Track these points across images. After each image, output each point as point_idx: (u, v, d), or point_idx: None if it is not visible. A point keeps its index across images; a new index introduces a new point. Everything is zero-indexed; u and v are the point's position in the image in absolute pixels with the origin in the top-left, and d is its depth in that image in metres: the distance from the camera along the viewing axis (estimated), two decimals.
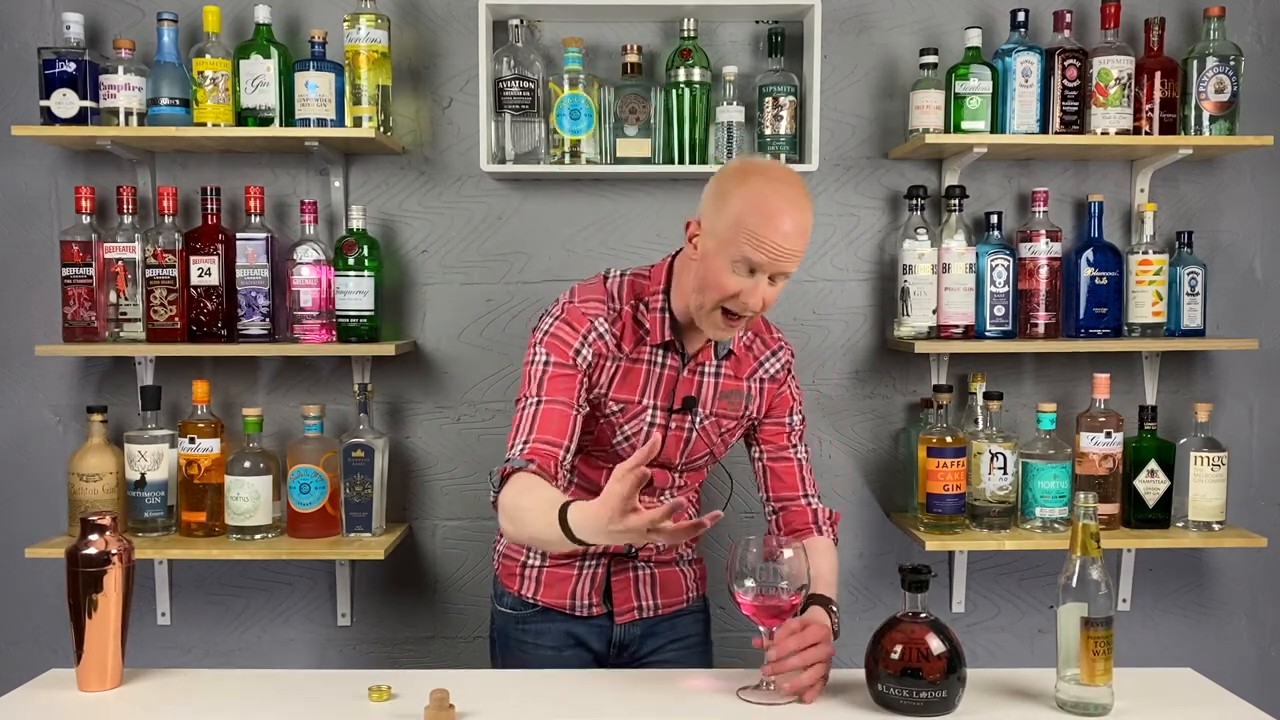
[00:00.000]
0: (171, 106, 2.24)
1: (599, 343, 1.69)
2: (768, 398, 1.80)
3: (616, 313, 1.71)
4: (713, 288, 1.58)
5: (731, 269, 1.56)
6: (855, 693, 1.44)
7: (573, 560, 1.79)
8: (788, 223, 1.54)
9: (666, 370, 1.73)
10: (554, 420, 1.63)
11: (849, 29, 2.44)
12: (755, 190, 1.55)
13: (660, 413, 1.73)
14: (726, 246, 1.55)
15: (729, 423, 1.78)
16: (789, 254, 1.55)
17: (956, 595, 2.50)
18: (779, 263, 1.55)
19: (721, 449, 1.82)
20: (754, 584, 1.44)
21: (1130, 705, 1.41)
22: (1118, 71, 2.28)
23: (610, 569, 1.80)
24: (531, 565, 1.83)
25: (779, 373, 1.81)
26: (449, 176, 2.44)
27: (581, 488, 1.76)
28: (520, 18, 2.31)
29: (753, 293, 1.57)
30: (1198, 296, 2.37)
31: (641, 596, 1.83)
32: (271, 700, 1.46)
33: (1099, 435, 2.29)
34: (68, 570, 1.48)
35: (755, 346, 1.80)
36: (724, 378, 1.77)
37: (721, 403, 1.76)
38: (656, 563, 1.84)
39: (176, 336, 2.27)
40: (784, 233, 1.53)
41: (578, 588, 1.80)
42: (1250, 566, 2.55)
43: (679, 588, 1.87)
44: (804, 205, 1.58)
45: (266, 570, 2.47)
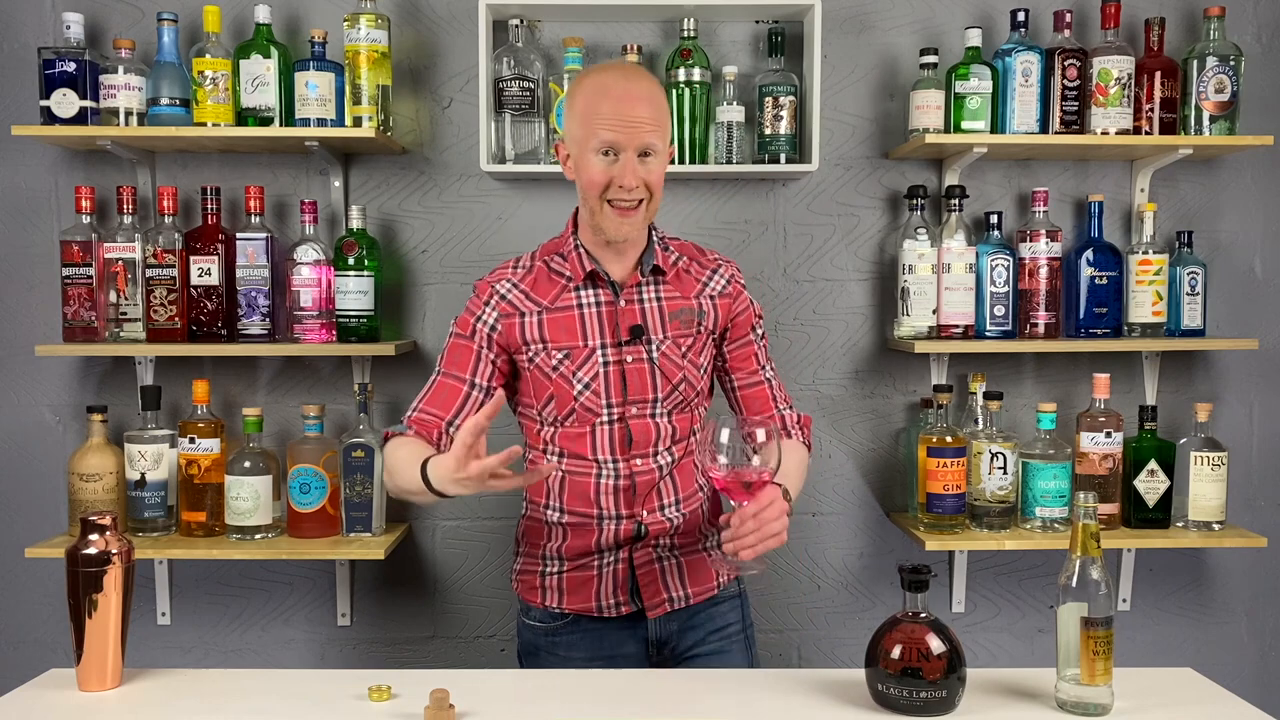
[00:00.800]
0: (171, 106, 2.24)
1: (501, 304, 1.71)
2: (723, 313, 1.76)
3: (526, 270, 1.75)
4: (590, 186, 1.63)
5: (596, 161, 1.61)
6: (855, 693, 1.44)
7: (590, 559, 1.74)
8: (623, 92, 1.60)
9: (603, 307, 1.70)
10: (443, 394, 1.71)
11: (849, 29, 2.44)
12: (589, 80, 1.66)
13: (611, 349, 1.69)
14: (585, 142, 1.62)
15: (687, 340, 1.72)
16: (637, 121, 1.59)
17: (956, 595, 2.50)
18: (632, 133, 1.59)
19: (696, 375, 1.73)
20: (727, 460, 1.46)
21: (1130, 705, 1.41)
22: (1118, 71, 2.28)
23: (633, 562, 1.73)
24: (550, 574, 1.77)
25: (727, 286, 1.78)
26: (449, 176, 2.44)
27: (572, 457, 1.72)
28: (520, 18, 2.31)
29: (623, 172, 1.60)
30: (1198, 296, 2.37)
31: (670, 587, 1.75)
32: (271, 700, 1.46)
33: (1099, 435, 2.29)
34: (68, 570, 1.48)
35: (693, 269, 1.77)
36: (667, 300, 1.73)
37: (674, 323, 1.72)
38: (682, 550, 1.76)
39: (176, 336, 2.27)
40: (623, 101, 1.59)
41: (601, 588, 1.74)
42: (1250, 566, 2.55)
43: (708, 574, 1.79)
44: (638, 76, 1.66)
45: (266, 570, 2.47)
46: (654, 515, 1.72)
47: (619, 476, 1.71)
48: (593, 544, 1.73)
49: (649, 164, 1.63)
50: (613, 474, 1.71)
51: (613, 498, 1.71)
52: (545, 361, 1.69)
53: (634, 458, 1.70)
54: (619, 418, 1.69)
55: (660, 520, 1.73)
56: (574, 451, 1.72)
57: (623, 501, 1.71)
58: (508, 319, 1.71)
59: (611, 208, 1.63)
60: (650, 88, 1.65)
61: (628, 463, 1.70)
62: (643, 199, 1.64)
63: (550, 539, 1.76)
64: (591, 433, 1.70)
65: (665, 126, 1.65)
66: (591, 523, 1.72)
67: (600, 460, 1.71)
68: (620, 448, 1.70)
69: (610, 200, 1.63)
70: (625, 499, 1.71)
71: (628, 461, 1.70)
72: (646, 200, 1.64)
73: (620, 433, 1.70)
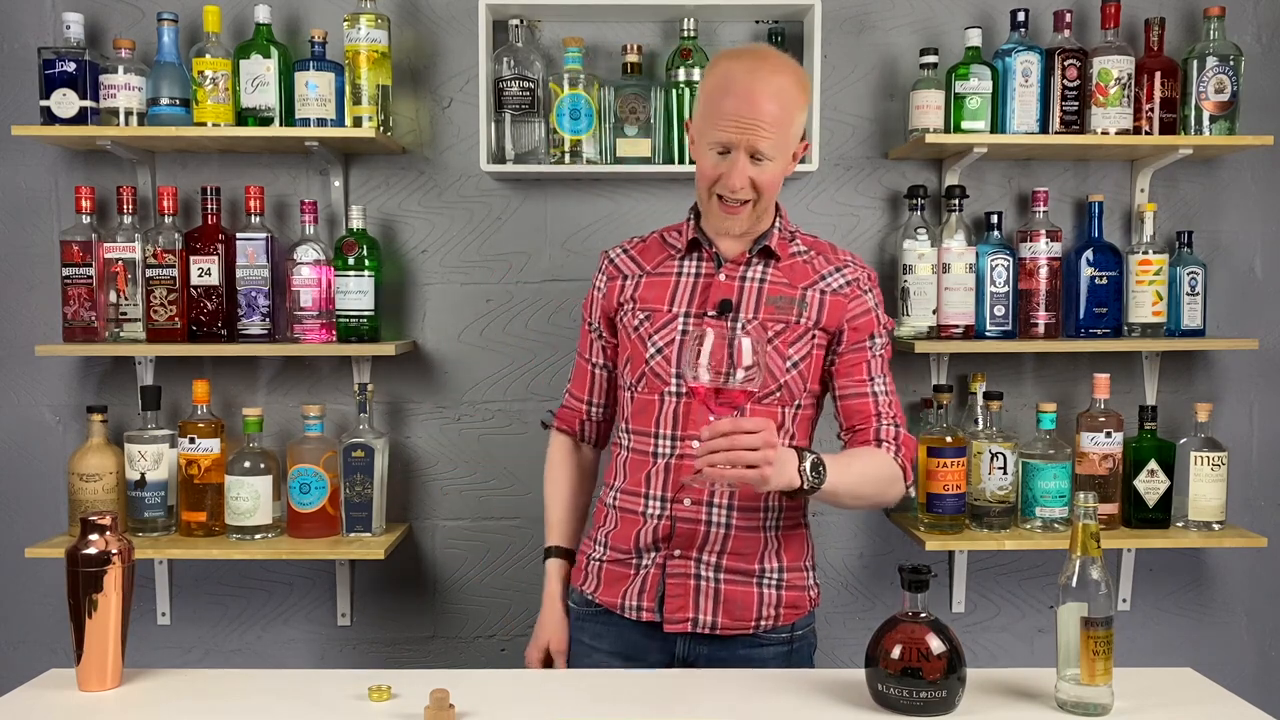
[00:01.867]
0: (171, 106, 2.24)
1: (610, 267, 1.77)
2: (832, 310, 1.67)
3: (642, 240, 1.79)
4: (701, 177, 1.63)
5: (709, 153, 1.60)
6: (855, 693, 1.44)
7: (629, 557, 1.69)
8: (743, 91, 1.55)
9: (701, 278, 1.68)
10: (579, 376, 1.84)
11: (849, 29, 2.44)
12: (718, 69, 1.60)
13: (693, 319, 1.64)
14: (703, 134, 1.61)
15: (778, 326, 1.64)
16: (750, 123, 1.54)
17: (956, 595, 2.50)
18: (745, 134, 1.55)
19: (778, 365, 1.63)
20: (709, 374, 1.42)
21: (1130, 705, 1.41)
22: (1118, 71, 2.28)
23: (665, 570, 1.66)
24: (594, 559, 1.75)
25: (845, 287, 1.69)
26: (449, 176, 2.44)
27: (638, 433, 1.68)
28: (520, 17, 2.31)
29: (730, 172, 1.57)
30: (1198, 296, 2.37)
31: (700, 609, 1.65)
32: (271, 700, 1.46)
33: (1099, 435, 2.29)
34: (68, 570, 1.48)
35: (816, 261, 1.71)
36: (771, 283, 1.67)
37: (768, 308, 1.65)
38: (728, 573, 1.65)
39: (176, 336, 2.27)
40: (740, 102, 1.54)
41: (630, 588, 1.68)
42: (1250, 566, 2.55)
43: (748, 610, 1.65)
44: (766, 71, 1.56)
45: (266, 570, 2.47)
46: (695, 509, 1.63)
47: (671, 455, 1.65)
48: (633, 537, 1.68)
49: (762, 165, 1.58)
50: (668, 451, 1.65)
51: (662, 477, 1.65)
52: (629, 321, 1.70)
53: (690, 438, 1.62)
54: (686, 391, 1.62)
55: (698, 518, 1.63)
56: (640, 426, 1.69)
57: (668, 483, 1.65)
58: (612, 281, 1.75)
59: (719, 202, 1.62)
60: (779, 83, 1.56)
61: (682, 442, 1.64)
62: (749, 200, 1.60)
63: (606, 523, 1.75)
64: (660, 402, 1.65)
65: (786, 126, 1.57)
66: (638, 509, 1.68)
67: (660, 435, 1.66)
68: (680, 424, 1.64)
69: (719, 195, 1.61)
70: (672, 480, 1.64)
71: (682, 440, 1.64)
72: (754, 201, 1.61)
73: (685, 408, 1.63)
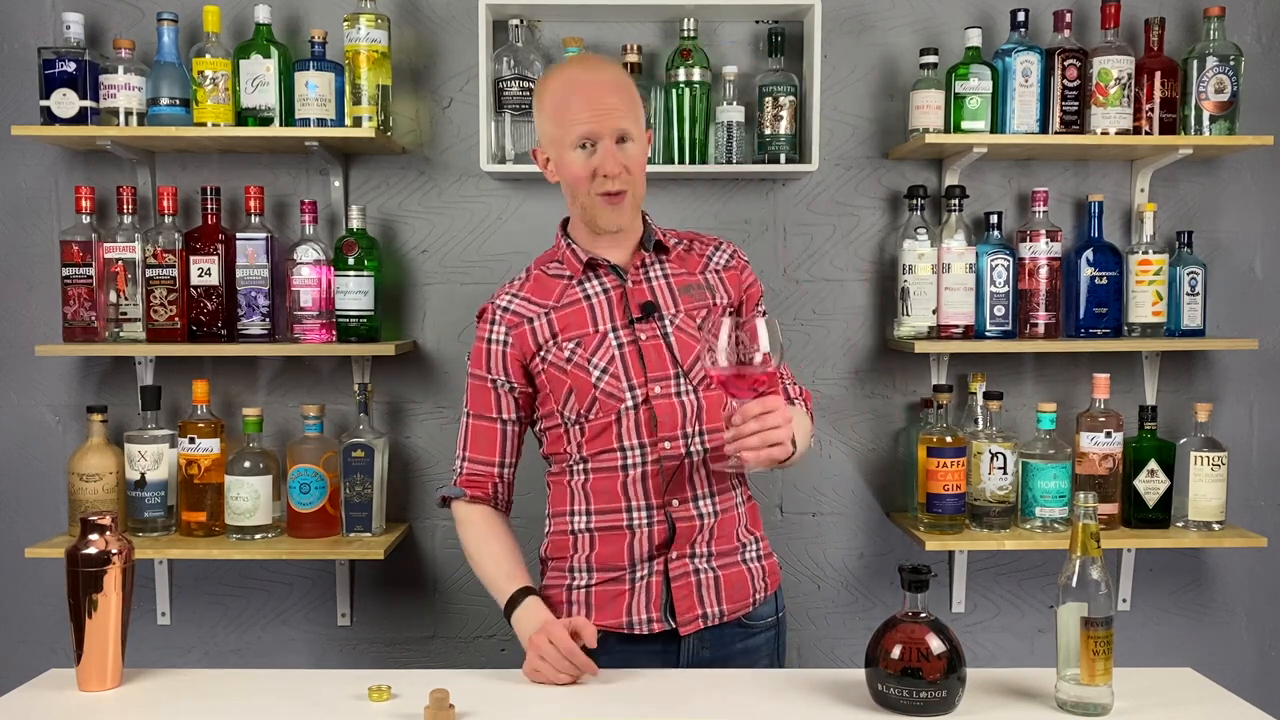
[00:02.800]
0: (171, 106, 2.24)
1: (507, 316, 1.69)
2: (732, 286, 1.74)
3: (523, 281, 1.74)
4: (576, 182, 1.62)
5: (577, 155, 1.61)
6: (855, 693, 1.44)
7: (623, 573, 1.65)
8: (590, 82, 1.61)
9: (610, 292, 1.68)
10: (480, 438, 1.72)
11: (849, 29, 2.44)
12: (553, 78, 1.67)
13: (624, 330, 1.65)
14: (561, 140, 1.61)
15: (701, 313, 1.69)
16: (608, 108, 1.59)
17: (956, 595, 2.50)
18: (604, 120, 1.59)
19: None
20: (727, 360, 1.45)
21: (1130, 705, 1.41)
22: (1118, 71, 2.28)
23: (668, 574, 1.64)
24: (578, 587, 1.67)
25: (732, 260, 1.76)
26: (449, 176, 2.44)
27: (598, 455, 1.65)
28: (520, 17, 2.31)
29: (604, 160, 1.59)
30: (1198, 296, 2.37)
31: (706, 603, 1.66)
32: (271, 700, 1.46)
33: (1099, 435, 2.29)
34: (68, 570, 1.48)
35: (695, 246, 1.76)
36: (675, 276, 1.71)
37: (685, 297, 1.69)
38: (719, 560, 1.67)
39: (176, 336, 2.27)
40: (591, 91, 1.60)
41: (633, 602, 1.64)
42: (1250, 566, 2.55)
43: (745, 589, 1.69)
44: (601, 65, 1.67)
45: (266, 570, 2.47)
46: (685, 507, 1.64)
47: (646, 463, 1.63)
48: (624, 552, 1.64)
49: (627, 150, 1.61)
50: (640, 460, 1.63)
51: (640, 486, 1.63)
52: (558, 356, 1.65)
53: (661, 440, 1.63)
54: (643, 399, 1.62)
55: (691, 514, 1.65)
56: (600, 448, 1.65)
57: (652, 490, 1.63)
58: (516, 329, 1.67)
59: (602, 199, 1.62)
60: (615, 74, 1.66)
61: (655, 446, 1.63)
62: (625, 188, 1.62)
63: (578, 550, 1.68)
64: (617, 421, 1.63)
65: (637, 111, 1.65)
66: (621, 524, 1.64)
67: (627, 448, 1.63)
68: (647, 430, 1.63)
69: (599, 192, 1.62)
70: (655, 486, 1.63)
71: (655, 445, 1.63)
72: (629, 189, 1.63)
73: (646, 415, 1.63)
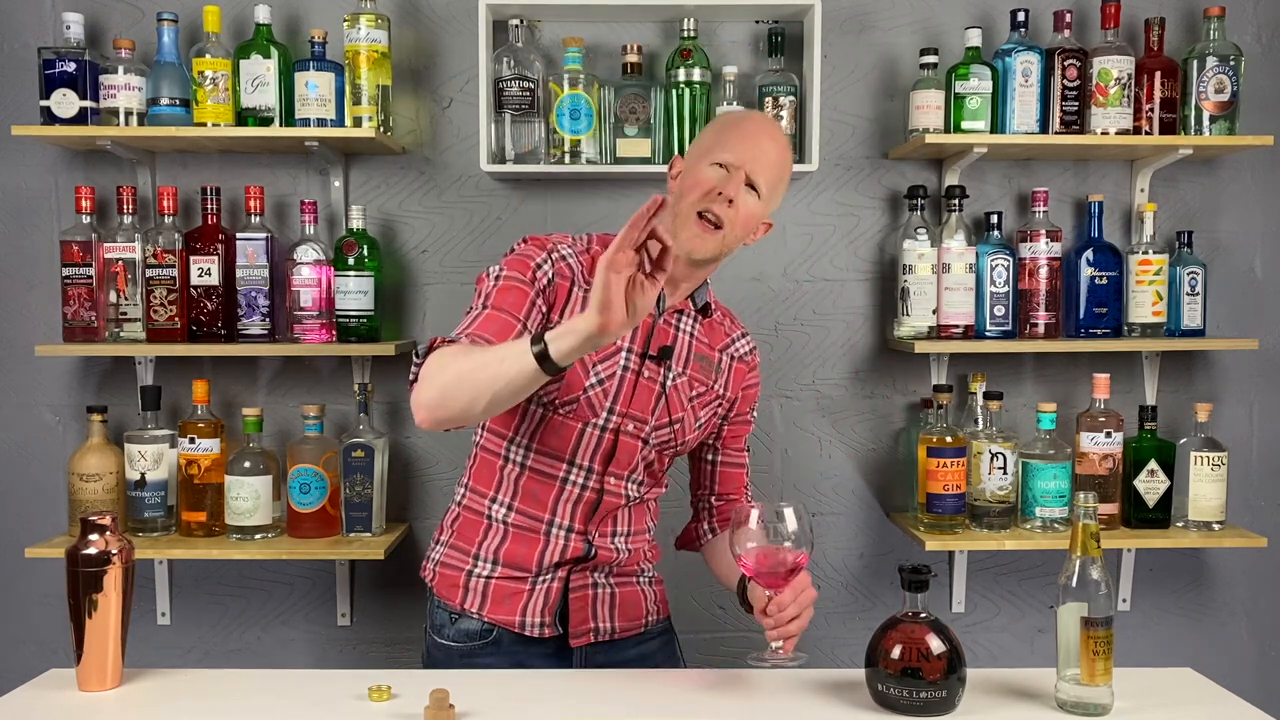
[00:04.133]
0: (171, 106, 2.24)
1: (561, 264, 1.63)
2: (736, 379, 1.75)
3: (584, 249, 1.67)
4: (691, 189, 1.58)
5: (710, 169, 1.59)
6: (855, 693, 1.44)
7: (526, 575, 1.65)
8: (754, 130, 1.63)
9: None
10: (494, 325, 1.53)
11: (849, 29, 2.44)
12: (734, 113, 1.81)
13: (634, 358, 1.63)
14: (708, 151, 1.61)
15: (700, 388, 1.69)
16: (760, 154, 1.59)
17: (956, 595, 2.50)
18: (752, 160, 1.58)
19: (691, 424, 1.68)
20: (755, 547, 1.43)
21: (1130, 705, 1.41)
22: (1118, 71, 2.28)
23: (568, 583, 1.66)
24: (478, 575, 1.66)
25: (748, 355, 1.77)
26: (449, 176, 2.44)
27: (543, 455, 1.62)
28: (520, 18, 2.31)
29: (728, 184, 1.56)
30: (1198, 296, 2.37)
31: (599, 617, 1.68)
32: (271, 700, 1.46)
33: (1099, 435, 2.29)
34: (68, 570, 1.48)
35: (725, 324, 1.77)
36: (698, 341, 1.71)
37: (695, 364, 1.69)
38: (617, 578, 1.70)
39: (176, 336, 2.27)
40: (751, 136, 1.61)
41: (529, 603, 1.65)
42: (1250, 566, 2.55)
43: (639, 609, 1.73)
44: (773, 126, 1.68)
45: (266, 570, 2.47)
46: (604, 540, 1.67)
47: (587, 489, 1.64)
48: (534, 556, 1.64)
49: (748, 199, 1.59)
50: (581, 484, 1.64)
51: (570, 508, 1.64)
52: None
53: (610, 475, 1.64)
54: (614, 428, 1.62)
55: (609, 546, 1.68)
56: (549, 448, 1.63)
57: (580, 515, 1.64)
58: (562, 280, 1.62)
59: (698, 220, 1.57)
60: (784, 141, 1.66)
61: (603, 477, 1.64)
62: (726, 223, 1.57)
63: (488, 537, 1.67)
64: (580, 433, 1.61)
65: (778, 181, 1.63)
66: (539, 532, 1.64)
67: (576, 464, 1.63)
68: (602, 459, 1.63)
69: (700, 212, 1.57)
70: (584, 513, 1.64)
71: (603, 476, 1.64)
72: (728, 228, 1.58)
73: (608, 443, 1.62)
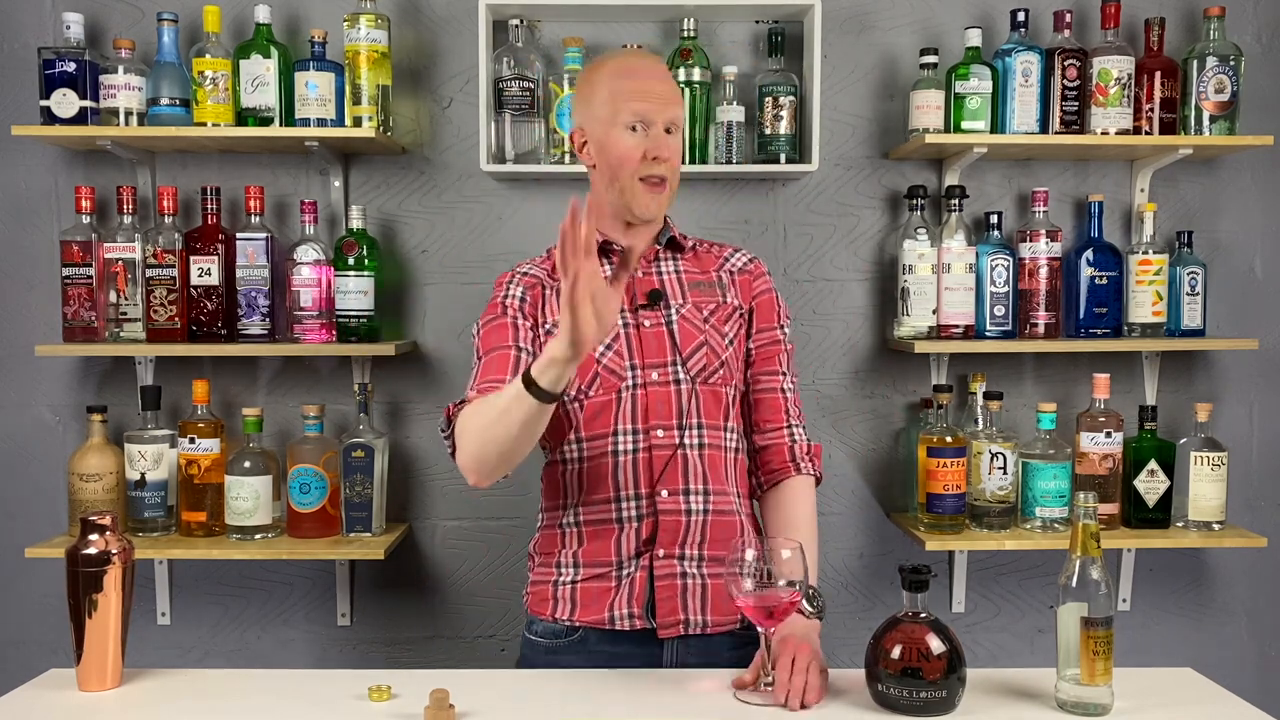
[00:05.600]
0: (171, 106, 2.24)
1: (525, 279, 1.70)
2: (742, 288, 1.72)
3: (542, 257, 1.75)
4: (622, 163, 1.61)
5: (628, 135, 1.61)
6: (855, 693, 1.44)
7: (609, 570, 1.63)
8: (648, 69, 1.66)
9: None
10: (494, 365, 1.62)
11: (849, 29, 2.44)
12: (609, 64, 1.68)
13: (628, 314, 1.64)
14: (613, 120, 1.62)
15: (711, 305, 1.68)
16: (665, 95, 1.63)
17: (956, 595, 2.50)
18: (664, 107, 1.61)
19: (719, 342, 1.66)
20: (752, 585, 1.43)
21: (1130, 705, 1.41)
22: (1118, 71, 2.28)
23: (653, 572, 1.62)
24: (564, 583, 1.66)
25: (749, 264, 1.75)
26: (449, 176, 2.44)
27: (593, 439, 1.63)
28: (520, 18, 2.31)
29: (657, 144, 1.60)
30: (1198, 296, 2.37)
31: (689, 609, 1.62)
32: (271, 700, 1.46)
33: (1099, 435, 2.29)
34: (68, 570, 1.48)
35: (713, 250, 1.76)
36: (688, 273, 1.70)
37: (694, 292, 1.68)
38: (710, 565, 1.63)
39: (176, 336, 2.27)
40: (649, 78, 1.64)
41: (616, 598, 1.63)
42: (1250, 566, 2.55)
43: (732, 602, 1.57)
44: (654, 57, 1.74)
45: (266, 570, 2.47)
46: (674, 499, 1.61)
47: (637, 450, 1.62)
48: (611, 548, 1.63)
49: (673, 141, 1.63)
50: (631, 446, 1.62)
51: (630, 474, 1.62)
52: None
53: (654, 429, 1.62)
54: (641, 383, 1.62)
55: (679, 508, 1.61)
56: (595, 431, 1.63)
57: (642, 479, 1.61)
58: (532, 290, 1.68)
59: (643, 184, 1.61)
60: (665, 68, 1.71)
61: (647, 434, 1.62)
62: (668, 176, 1.63)
63: (566, 545, 1.67)
64: (617, 400, 1.62)
65: (683, 107, 1.69)
66: (610, 517, 1.63)
67: (621, 431, 1.62)
68: (641, 416, 1.62)
69: (642, 177, 1.61)
70: (645, 474, 1.61)
71: (647, 433, 1.62)
72: (670, 177, 1.63)
73: (642, 399, 1.62)
